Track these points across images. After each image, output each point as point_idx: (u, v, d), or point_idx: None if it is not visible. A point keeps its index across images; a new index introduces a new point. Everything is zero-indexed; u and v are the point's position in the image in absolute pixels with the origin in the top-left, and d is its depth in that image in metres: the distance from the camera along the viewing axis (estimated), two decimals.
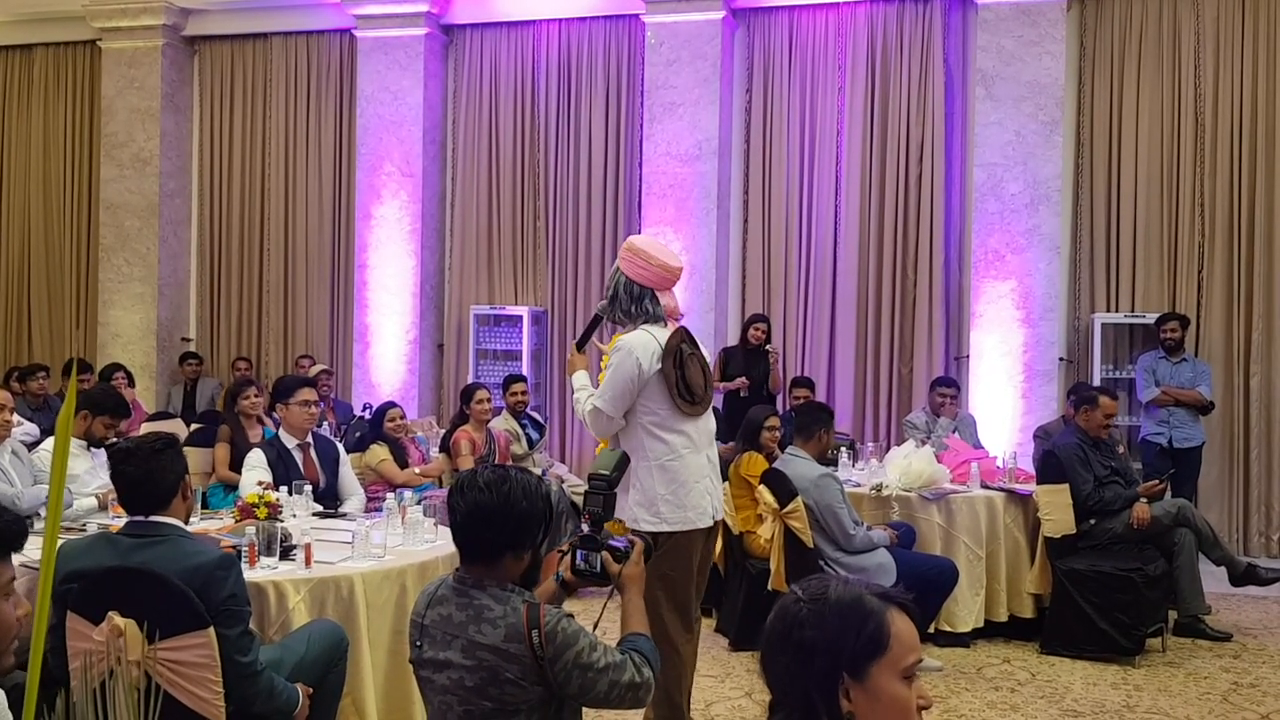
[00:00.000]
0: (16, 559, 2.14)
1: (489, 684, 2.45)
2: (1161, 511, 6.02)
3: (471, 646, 2.46)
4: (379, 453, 6.66)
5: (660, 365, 3.94)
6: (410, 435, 7.16)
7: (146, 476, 3.18)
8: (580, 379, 4.19)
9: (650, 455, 3.96)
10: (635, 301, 4.04)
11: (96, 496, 4.86)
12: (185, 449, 6.45)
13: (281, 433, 5.49)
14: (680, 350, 4.00)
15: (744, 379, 8.03)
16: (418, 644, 2.58)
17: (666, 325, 4.06)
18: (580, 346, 4.28)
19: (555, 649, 2.43)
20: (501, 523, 2.50)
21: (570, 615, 2.52)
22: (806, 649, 1.65)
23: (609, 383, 3.96)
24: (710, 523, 4.09)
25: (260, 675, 3.10)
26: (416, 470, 6.72)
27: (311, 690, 3.38)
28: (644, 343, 3.96)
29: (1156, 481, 6.21)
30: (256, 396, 6.57)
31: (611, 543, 2.71)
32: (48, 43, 10.81)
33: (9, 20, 10.68)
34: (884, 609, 1.67)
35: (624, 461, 2.94)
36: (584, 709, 2.64)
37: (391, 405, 7.07)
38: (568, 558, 2.74)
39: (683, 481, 3.97)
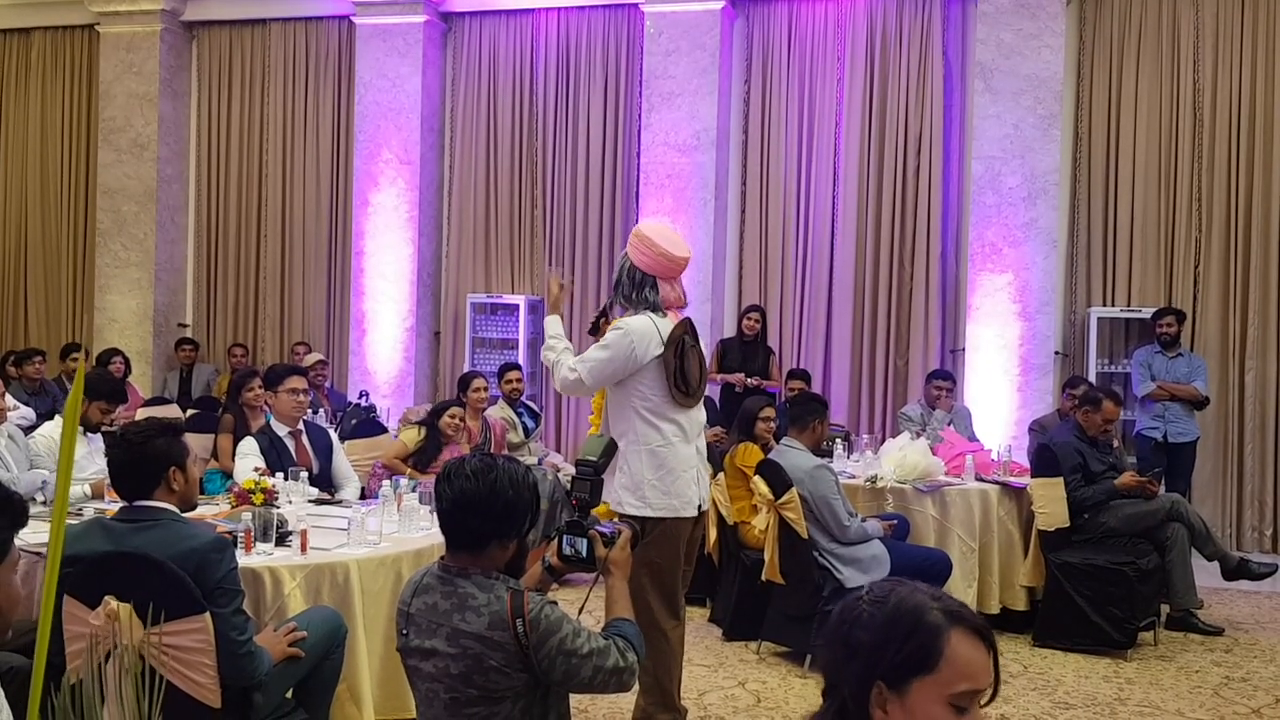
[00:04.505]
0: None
1: (474, 672, 2.46)
2: (1155, 506, 6.02)
3: (456, 634, 2.47)
4: (409, 435, 6.43)
5: (659, 353, 3.96)
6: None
7: (131, 462, 3.20)
8: (554, 325, 4.29)
9: (641, 440, 3.99)
10: (636, 288, 4.09)
11: (89, 484, 4.84)
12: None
13: (273, 421, 5.49)
14: (683, 341, 4.03)
15: (742, 375, 8.03)
16: (404, 632, 2.59)
17: (665, 315, 4.07)
18: (591, 331, 4.31)
19: (539, 636, 2.44)
20: (487, 511, 2.51)
21: (554, 603, 2.53)
22: (851, 648, 1.60)
23: (599, 359, 4.01)
24: (696, 513, 4.11)
25: (255, 655, 3.12)
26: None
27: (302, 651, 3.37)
28: (643, 329, 3.98)
29: (1147, 480, 6.15)
30: (260, 388, 6.53)
31: (598, 528, 2.72)
32: (46, 27, 10.77)
33: (8, 4, 10.65)
34: (946, 627, 1.56)
35: (611, 448, 2.96)
36: (572, 695, 2.66)
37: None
38: (554, 543, 2.74)
39: (670, 469, 3.99)
